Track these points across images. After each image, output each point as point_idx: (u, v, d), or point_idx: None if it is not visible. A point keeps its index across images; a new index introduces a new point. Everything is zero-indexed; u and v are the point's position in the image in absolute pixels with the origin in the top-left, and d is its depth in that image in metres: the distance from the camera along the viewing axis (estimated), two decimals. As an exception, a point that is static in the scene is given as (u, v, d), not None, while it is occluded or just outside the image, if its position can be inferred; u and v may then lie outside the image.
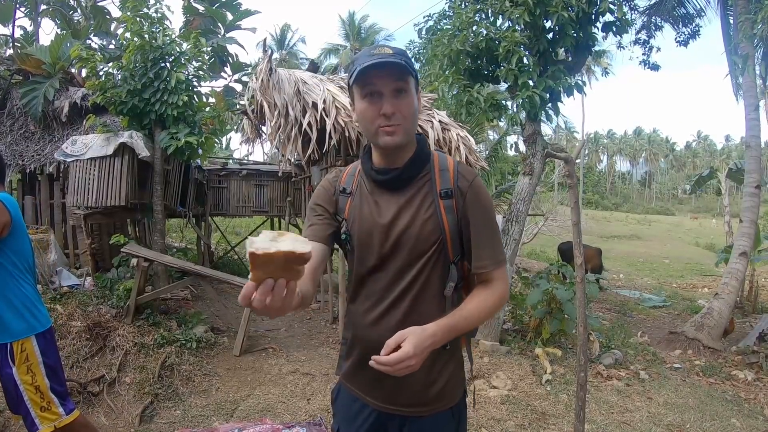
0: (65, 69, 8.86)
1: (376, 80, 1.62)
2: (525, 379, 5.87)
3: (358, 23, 40.92)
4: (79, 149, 7.58)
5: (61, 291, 6.81)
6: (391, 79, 1.61)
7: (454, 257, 1.75)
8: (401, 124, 1.64)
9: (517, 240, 7.17)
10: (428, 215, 1.71)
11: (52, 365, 2.95)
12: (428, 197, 1.74)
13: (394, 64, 1.59)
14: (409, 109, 1.65)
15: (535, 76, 6.73)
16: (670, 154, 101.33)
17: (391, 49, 1.67)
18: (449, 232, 1.72)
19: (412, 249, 1.72)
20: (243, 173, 10.76)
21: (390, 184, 1.76)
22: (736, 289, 8.66)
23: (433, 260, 1.73)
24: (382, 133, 1.65)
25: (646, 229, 41.32)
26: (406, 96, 1.65)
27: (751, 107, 8.95)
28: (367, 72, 1.60)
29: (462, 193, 1.72)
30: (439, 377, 1.79)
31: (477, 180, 1.77)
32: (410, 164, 1.74)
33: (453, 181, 1.74)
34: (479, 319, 1.67)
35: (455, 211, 1.72)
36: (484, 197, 1.75)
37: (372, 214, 1.76)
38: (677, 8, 11.29)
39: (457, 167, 1.78)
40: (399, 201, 1.74)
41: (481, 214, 1.73)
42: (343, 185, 1.87)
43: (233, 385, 5.44)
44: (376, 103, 1.63)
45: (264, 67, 6.82)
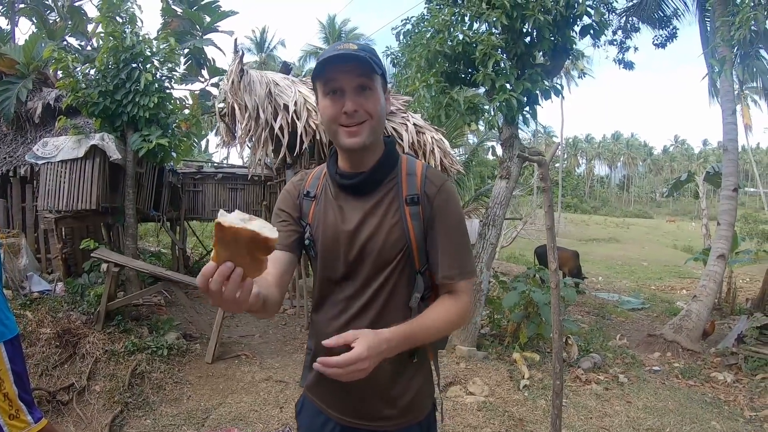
0: (39, 69, 8.71)
1: (338, 75, 1.53)
2: (502, 384, 5.82)
3: (339, 27, 40.91)
4: (50, 151, 7.44)
5: (32, 297, 6.67)
6: (354, 74, 1.53)
7: (420, 266, 1.66)
8: (366, 122, 1.55)
9: (494, 244, 7.14)
10: (393, 222, 1.63)
11: (20, 372, 2.89)
12: (394, 203, 1.65)
13: (358, 58, 1.50)
14: (374, 107, 1.56)
15: (512, 79, 6.72)
16: (648, 158, 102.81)
17: (357, 45, 1.58)
18: (415, 241, 1.62)
19: (377, 258, 1.63)
20: (218, 177, 10.64)
21: (355, 188, 1.67)
22: (714, 291, 8.72)
23: (399, 269, 1.64)
24: (343, 134, 1.57)
25: (625, 232, 41.74)
26: (371, 93, 1.55)
27: (728, 111, 9.03)
28: (329, 66, 1.52)
29: (429, 199, 1.63)
30: (407, 390, 1.71)
31: (446, 185, 1.68)
32: (376, 168, 1.65)
33: (420, 186, 1.65)
34: (438, 330, 1.58)
35: (421, 218, 1.63)
36: (452, 204, 1.66)
37: (336, 220, 1.68)
38: (655, 10, 11.38)
39: (425, 171, 1.69)
40: (364, 207, 1.65)
41: (448, 220, 1.64)
42: (308, 188, 1.78)
43: (205, 393, 5.34)
44: (338, 100, 1.55)
45: (235, 68, 6.73)
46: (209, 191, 10.62)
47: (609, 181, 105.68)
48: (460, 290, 1.64)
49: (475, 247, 7.10)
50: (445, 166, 7.52)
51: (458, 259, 1.64)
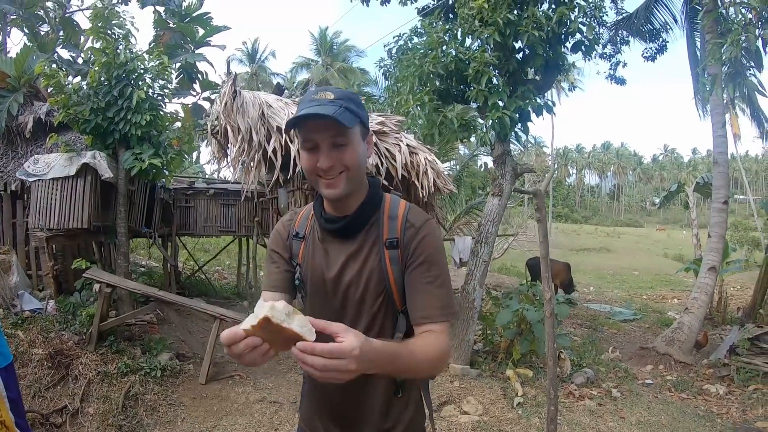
0: (30, 83, 8.63)
1: (312, 134, 1.55)
2: (496, 403, 5.82)
3: (331, 39, 41.02)
4: (41, 169, 7.38)
5: (23, 316, 6.57)
6: (329, 132, 1.54)
7: (401, 306, 1.67)
8: (343, 173, 1.58)
9: (486, 261, 7.15)
10: (374, 266, 1.65)
11: (15, 399, 2.86)
12: (375, 247, 1.67)
13: (329, 118, 1.48)
14: (350, 160, 1.57)
15: (505, 96, 6.75)
16: (638, 167, 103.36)
17: (334, 93, 1.58)
18: (394, 283, 1.64)
19: (359, 301, 1.67)
20: (210, 192, 10.59)
21: (339, 233, 1.70)
22: (705, 303, 8.78)
23: (382, 311, 1.67)
24: (322, 185, 1.61)
25: (616, 241, 41.90)
26: (346, 148, 1.56)
27: (718, 124, 9.11)
28: (304, 123, 1.55)
29: (408, 242, 1.64)
30: (398, 425, 1.74)
31: (426, 225, 1.67)
32: (359, 212, 1.67)
33: (400, 229, 1.66)
34: (419, 363, 1.48)
35: (400, 261, 1.64)
36: (431, 243, 1.65)
37: (321, 264, 1.71)
38: (644, 24, 11.49)
39: (406, 214, 1.69)
40: (348, 250, 1.68)
41: (425, 260, 1.62)
42: (297, 229, 1.81)
43: (199, 416, 5.31)
44: (314, 155, 1.57)
45: (228, 90, 6.71)
46: (201, 207, 10.57)
47: (599, 190, 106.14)
48: (437, 331, 1.58)
49: (467, 265, 7.11)
50: (438, 186, 7.54)
51: (435, 298, 1.60)
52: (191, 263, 13.27)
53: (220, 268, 15.43)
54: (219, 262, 15.71)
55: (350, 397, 1.71)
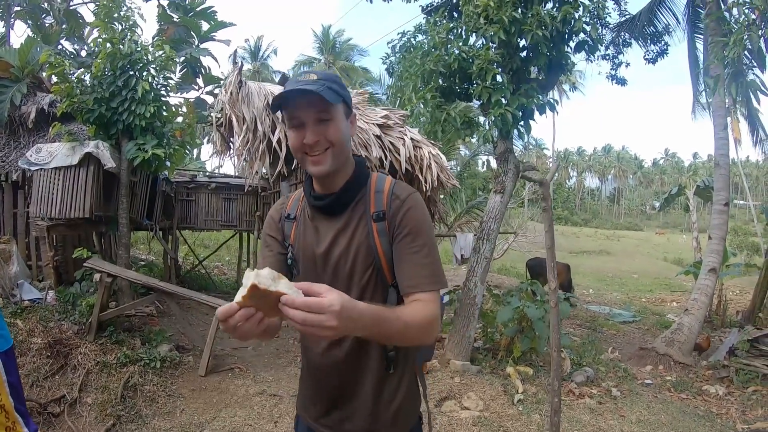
0: (34, 74, 8.63)
1: (298, 110, 1.62)
2: (496, 399, 5.81)
3: (333, 37, 41.00)
4: (43, 157, 7.37)
5: (22, 305, 6.57)
6: (313, 108, 1.60)
7: (392, 280, 1.70)
8: (329, 150, 1.64)
9: (488, 258, 7.15)
10: (362, 239, 1.69)
11: (15, 384, 2.85)
12: (362, 220, 1.71)
13: (314, 93, 1.55)
14: (335, 135, 1.63)
15: (508, 93, 6.75)
16: (638, 171, 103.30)
17: (317, 74, 1.65)
18: (383, 256, 1.68)
19: (349, 275, 1.70)
20: (212, 186, 10.58)
21: (327, 209, 1.75)
22: (705, 305, 8.79)
23: (372, 284, 1.70)
24: (308, 162, 1.66)
25: (615, 245, 41.86)
26: (330, 123, 1.63)
27: (720, 126, 9.12)
28: (289, 101, 1.61)
29: (394, 214, 1.68)
30: (391, 402, 1.76)
31: (411, 197, 1.72)
32: (345, 188, 1.72)
33: (386, 202, 1.70)
34: (406, 326, 1.49)
35: (388, 233, 1.68)
36: (416, 214, 1.68)
37: (312, 241, 1.77)
38: (646, 26, 11.48)
39: (392, 187, 1.74)
40: (336, 226, 1.73)
41: (411, 230, 1.66)
42: (288, 211, 1.88)
43: (198, 407, 5.30)
44: (300, 132, 1.63)
45: (233, 80, 6.68)
46: (202, 201, 10.55)
47: (599, 193, 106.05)
48: (426, 300, 1.61)
49: (469, 261, 7.10)
50: (442, 180, 7.52)
51: (422, 268, 1.64)
52: (191, 258, 13.26)
53: (220, 264, 15.42)
54: (219, 258, 15.70)
55: (343, 375, 1.74)
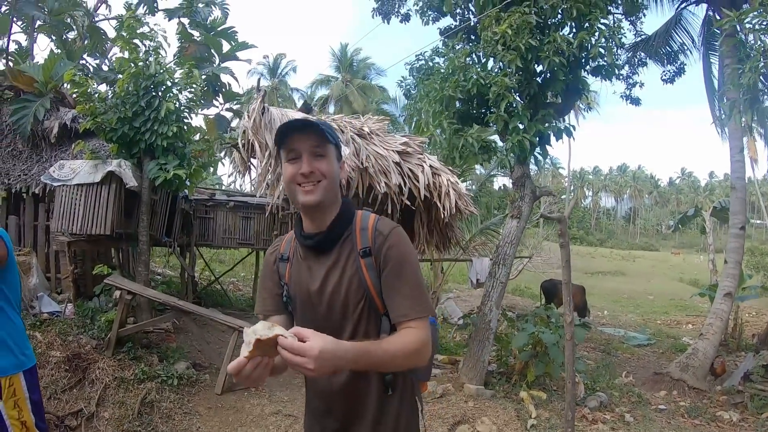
0: (57, 89, 8.77)
1: (296, 143, 1.75)
2: (510, 424, 5.81)
3: (351, 56, 41.27)
4: (66, 174, 7.48)
5: (41, 318, 6.65)
6: (310, 142, 1.75)
7: (384, 309, 1.81)
8: (320, 182, 1.75)
9: (504, 283, 7.17)
10: (351, 274, 1.79)
11: (37, 401, 2.94)
12: (351, 257, 1.81)
13: (313, 127, 1.74)
14: (328, 169, 1.77)
15: (525, 120, 6.79)
16: (654, 190, 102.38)
17: (314, 119, 1.88)
18: (373, 288, 1.78)
19: (342, 309, 1.80)
20: (230, 205, 10.65)
21: (317, 247, 1.85)
22: (720, 329, 8.73)
23: (365, 315, 1.80)
24: (300, 192, 1.77)
25: (631, 265, 41.50)
26: (324, 159, 1.77)
27: (736, 149, 9.11)
28: (288, 134, 1.76)
29: (378, 249, 1.78)
30: (392, 423, 1.87)
31: (393, 233, 1.81)
32: (333, 226, 1.82)
33: (371, 238, 1.80)
34: (394, 355, 1.64)
35: (375, 267, 1.78)
36: (399, 249, 1.78)
37: (305, 280, 1.87)
38: (662, 47, 11.51)
39: (376, 224, 1.83)
40: (326, 264, 1.83)
41: (396, 265, 1.76)
42: (282, 252, 1.99)
43: (214, 425, 5.35)
44: (296, 163, 1.76)
45: (257, 107, 6.78)
46: (221, 218, 10.62)
47: (615, 213, 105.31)
48: (414, 327, 1.72)
49: (485, 286, 7.12)
50: (460, 207, 7.56)
51: (409, 299, 1.74)
52: (207, 273, 13.36)
53: (235, 280, 15.49)
54: (234, 274, 15.79)
55: (345, 400, 1.87)
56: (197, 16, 12.74)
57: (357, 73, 40.94)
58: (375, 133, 7.42)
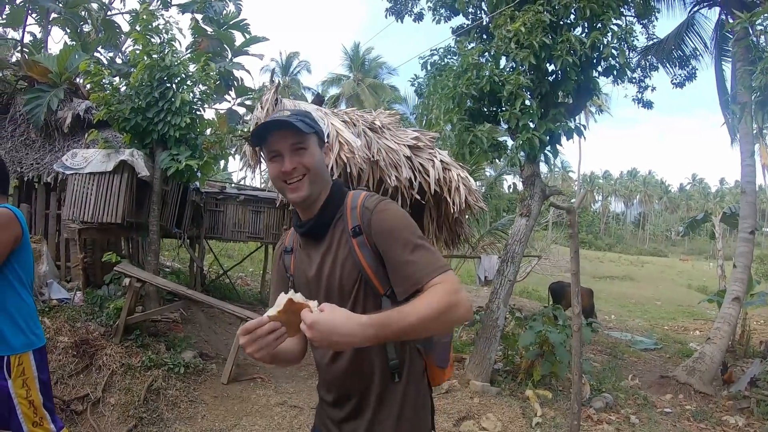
0: (71, 80, 8.83)
1: (274, 141, 1.74)
2: (515, 421, 5.81)
3: (363, 54, 41.29)
4: (78, 163, 7.53)
5: (50, 304, 6.71)
6: (288, 139, 1.72)
7: (384, 290, 1.74)
8: (305, 176, 1.74)
9: (511, 281, 7.17)
10: (345, 256, 1.76)
11: (45, 381, 2.95)
12: (343, 238, 1.78)
13: (287, 124, 1.69)
14: (310, 161, 1.75)
15: (536, 118, 6.80)
16: (664, 196, 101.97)
17: (290, 111, 1.77)
18: (369, 267, 1.73)
19: (339, 293, 1.77)
20: (240, 198, 10.69)
21: (310, 234, 1.84)
22: (728, 334, 8.69)
23: (362, 297, 1.75)
24: (287, 190, 1.77)
25: (639, 270, 41.32)
26: (305, 151, 1.75)
27: (747, 154, 9.06)
28: (265, 134, 1.74)
29: (367, 225, 1.73)
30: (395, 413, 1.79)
31: (379, 205, 1.75)
32: (322, 211, 1.81)
33: (360, 216, 1.76)
34: (419, 316, 1.51)
35: (368, 245, 1.73)
36: (388, 220, 1.72)
37: (304, 267, 1.88)
38: (674, 50, 11.47)
39: (363, 201, 1.79)
40: (321, 249, 1.82)
41: (388, 235, 1.70)
42: (286, 245, 2.01)
43: (219, 414, 5.38)
44: (278, 162, 1.75)
45: (270, 98, 6.80)
46: (230, 212, 10.66)
47: (624, 218, 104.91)
48: (435, 283, 1.61)
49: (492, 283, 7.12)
50: (470, 203, 7.57)
51: (416, 264, 1.65)
52: (216, 267, 13.41)
53: (244, 275, 15.54)
54: (243, 269, 15.83)
55: (346, 386, 1.84)
56: (210, 11, 12.81)
57: (368, 72, 40.99)
58: (386, 127, 7.44)
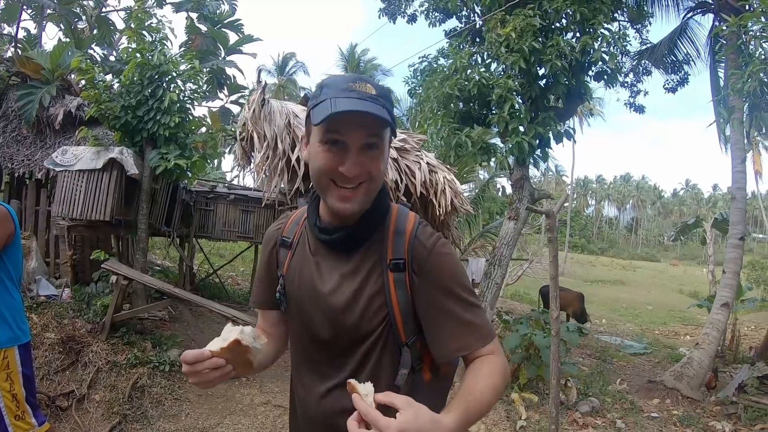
0: (64, 77, 8.82)
1: (344, 128, 1.30)
2: (499, 424, 5.82)
3: (358, 56, 41.26)
4: (68, 160, 7.52)
5: (38, 300, 6.70)
6: (365, 131, 1.30)
7: (407, 338, 1.42)
8: (363, 184, 1.34)
9: (498, 284, 7.20)
10: (375, 290, 1.41)
11: (29, 376, 2.97)
12: (377, 267, 1.42)
13: (373, 115, 1.26)
14: (376, 169, 1.35)
15: (526, 122, 6.83)
16: (657, 201, 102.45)
17: (375, 88, 1.34)
18: (399, 312, 1.40)
19: (354, 328, 1.42)
20: (231, 198, 10.67)
21: (334, 246, 1.45)
22: (717, 339, 8.71)
23: (381, 343, 1.42)
24: (335, 195, 1.35)
25: (631, 275, 41.51)
26: (376, 152, 1.34)
27: (738, 160, 9.09)
28: (339, 117, 1.26)
29: (418, 265, 1.40)
30: None
31: (438, 247, 1.41)
32: (362, 223, 1.42)
33: (407, 249, 1.40)
34: (490, 401, 1.32)
35: (407, 286, 1.40)
36: (451, 267, 1.41)
37: (312, 279, 1.48)
38: (667, 56, 11.53)
39: (415, 231, 1.43)
40: (343, 268, 1.44)
41: (446, 284, 1.39)
42: (285, 235, 1.59)
43: (203, 412, 5.37)
44: (337, 153, 1.32)
45: (257, 98, 6.81)
46: (221, 211, 10.63)
47: (617, 222, 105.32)
48: (488, 352, 1.39)
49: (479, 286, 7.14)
50: (456, 206, 7.59)
51: (470, 325, 1.39)
52: (206, 266, 13.38)
53: (234, 274, 15.52)
54: (233, 268, 15.80)
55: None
56: (205, 10, 12.81)
57: (364, 74, 40.92)
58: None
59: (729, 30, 7.37)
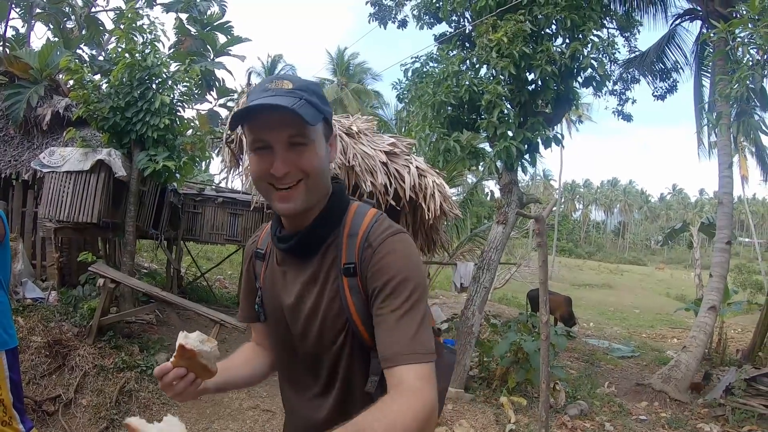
0: (52, 77, 8.74)
1: (265, 131, 1.25)
2: (488, 428, 5.82)
3: (348, 59, 41.21)
4: (56, 161, 7.45)
5: (24, 303, 6.65)
6: (285, 129, 1.24)
7: (373, 343, 1.30)
8: (302, 182, 1.28)
9: (487, 288, 7.20)
10: (332, 296, 1.35)
11: (16, 381, 2.93)
12: (333, 271, 1.36)
13: (288, 110, 1.19)
14: (310, 163, 1.27)
15: (514, 127, 6.85)
16: (644, 205, 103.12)
17: (293, 82, 1.29)
18: (358, 317, 1.32)
19: (319, 335, 1.38)
20: (219, 200, 10.64)
21: (292, 253, 1.40)
22: (704, 342, 8.78)
23: (347, 350, 1.37)
24: (275, 198, 1.31)
25: (618, 279, 41.71)
26: (306, 149, 1.27)
27: (725, 165, 9.18)
28: (254, 118, 1.24)
29: (365, 266, 1.30)
30: None
31: (387, 242, 1.31)
32: (313, 227, 1.36)
33: (357, 252, 1.32)
34: None
35: (360, 290, 1.32)
36: (391, 267, 1.27)
37: (279, 290, 1.45)
38: (656, 63, 11.62)
39: (367, 232, 1.33)
40: (304, 276, 1.39)
41: (384, 285, 1.26)
42: (258, 247, 1.57)
43: (191, 417, 5.33)
44: (265, 157, 1.27)
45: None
46: (209, 214, 10.59)
47: (605, 227, 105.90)
48: (405, 380, 1.17)
49: (468, 290, 7.14)
50: (444, 210, 7.60)
51: (400, 334, 1.22)
52: (194, 269, 13.31)
53: (222, 278, 15.45)
54: (221, 271, 15.73)
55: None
56: (194, 11, 12.77)
57: (353, 77, 40.87)
58: (363, 133, 7.45)
59: (717, 36, 7.43)
